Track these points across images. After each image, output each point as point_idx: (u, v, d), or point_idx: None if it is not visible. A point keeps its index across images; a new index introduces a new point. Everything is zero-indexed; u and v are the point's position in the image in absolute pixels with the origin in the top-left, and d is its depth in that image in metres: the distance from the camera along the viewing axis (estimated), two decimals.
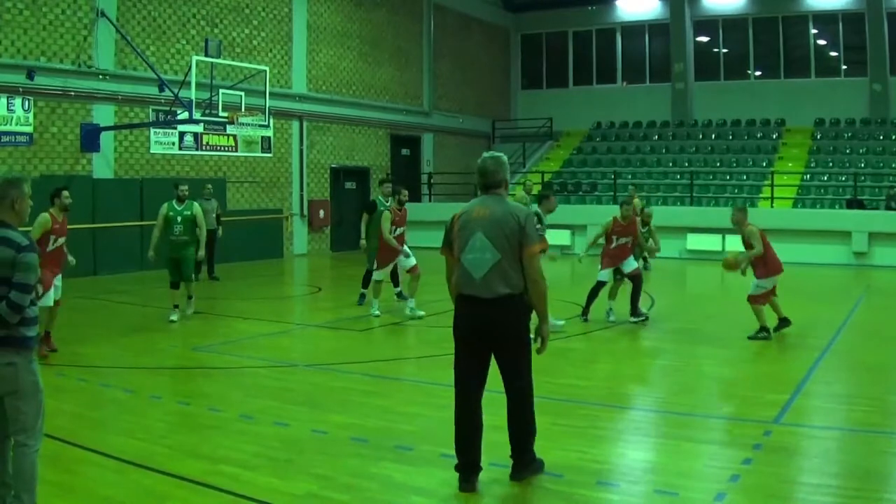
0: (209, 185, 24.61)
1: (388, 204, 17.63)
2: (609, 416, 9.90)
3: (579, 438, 8.73)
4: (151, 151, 27.07)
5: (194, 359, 13.43)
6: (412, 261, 17.16)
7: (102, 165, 25.66)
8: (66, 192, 13.27)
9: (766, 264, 14.45)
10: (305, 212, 32.57)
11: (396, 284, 18.30)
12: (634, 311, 16.19)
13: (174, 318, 16.38)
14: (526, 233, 7.17)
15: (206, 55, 24.10)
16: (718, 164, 37.09)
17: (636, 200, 22.80)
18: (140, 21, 26.66)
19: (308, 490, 7.34)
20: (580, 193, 36.47)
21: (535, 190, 23.88)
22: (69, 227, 13.38)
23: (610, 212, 31.71)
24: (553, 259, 15.73)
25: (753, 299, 14.44)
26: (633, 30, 43.59)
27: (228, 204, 28.81)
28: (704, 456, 8.27)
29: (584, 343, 14.36)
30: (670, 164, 38.08)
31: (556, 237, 30.13)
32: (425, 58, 39.70)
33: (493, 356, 7.41)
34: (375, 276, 17.23)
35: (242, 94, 24.45)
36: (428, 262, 18.78)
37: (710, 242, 29.76)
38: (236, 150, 29.86)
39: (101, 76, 25.37)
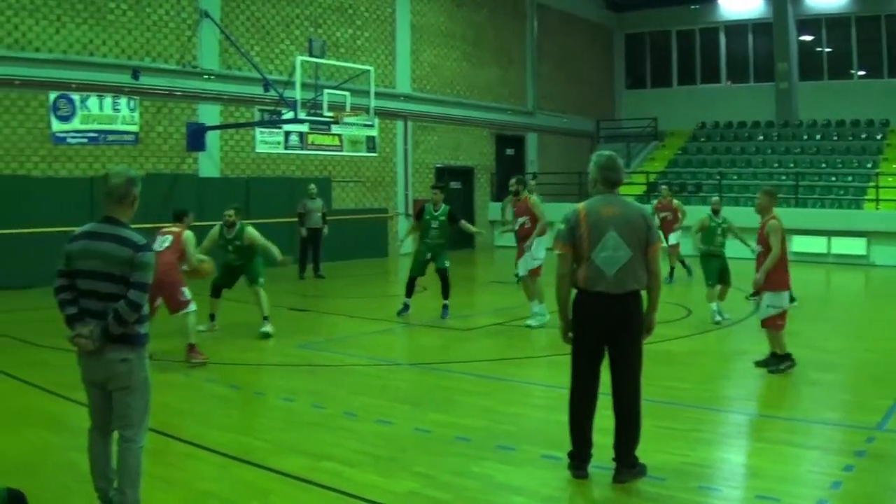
0: (313, 185, 24.50)
1: (436, 213, 16.71)
2: (710, 419, 9.65)
3: (681, 441, 8.53)
4: (257, 151, 26.89)
5: (299, 356, 13.27)
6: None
7: (208, 164, 25.59)
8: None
9: (781, 271, 11.51)
10: (410, 211, 31.88)
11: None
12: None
13: (202, 328, 14.57)
14: (651, 231, 7.39)
15: (311, 55, 23.88)
16: (824, 165, 35.67)
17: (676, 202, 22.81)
18: (244, 21, 26.44)
19: (409, 488, 7.24)
20: (685, 194, 35.55)
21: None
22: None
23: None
24: None
25: (770, 324, 11.55)
26: (736, 29, 42.46)
27: (333, 203, 28.37)
28: (806, 461, 8.01)
29: (684, 345, 13.87)
30: (775, 165, 36.82)
31: (661, 238, 29.78)
32: (528, 57, 38.91)
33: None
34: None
35: (347, 93, 24.03)
36: None
37: (815, 245, 28.45)
38: (341, 150, 29.46)
39: (205, 76, 25.25)
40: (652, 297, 7.51)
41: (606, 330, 7.35)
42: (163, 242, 12.46)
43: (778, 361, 11.51)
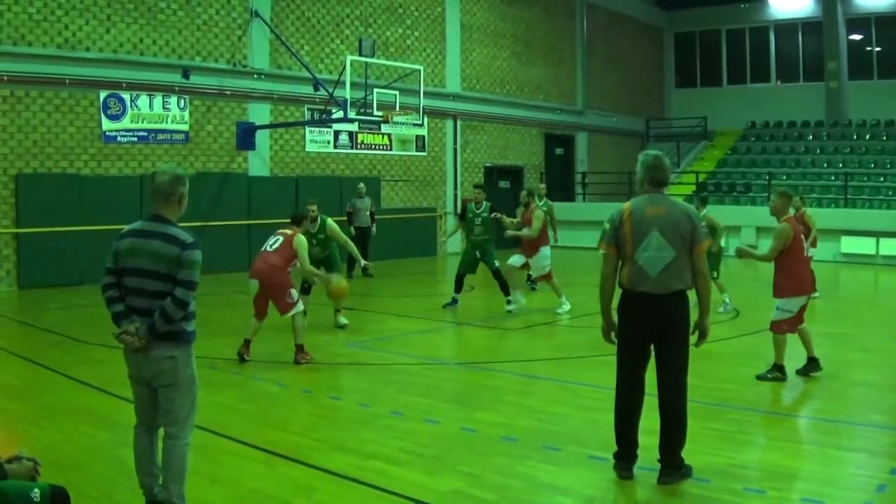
0: (362, 184, 24.43)
1: (478, 211, 17.45)
2: (757, 421, 9.51)
3: (727, 443, 8.39)
4: (307, 150, 26.89)
5: (346, 354, 13.26)
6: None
7: (258, 163, 25.48)
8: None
9: (789, 277, 11.07)
10: (459, 210, 31.92)
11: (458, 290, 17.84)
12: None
13: (344, 321, 15.62)
14: (697, 231, 7.20)
15: (361, 55, 23.61)
16: (872, 166, 35.14)
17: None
18: (294, 21, 26.32)
19: (455, 487, 7.16)
20: (734, 194, 35.18)
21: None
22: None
23: (764, 213, 31.33)
24: None
25: (775, 326, 11.22)
26: (786, 28, 41.92)
27: (383, 202, 28.16)
28: (851, 464, 7.87)
29: (731, 346, 13.60)
30: (824, 165, 36.28)
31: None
32: (578, 56, 38.51)
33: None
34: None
35: (397, 93, 24.07)
36: (580, 262, 18.62)
37: (864, 246, 27.95)
38: (391, 149, 29.45)
39: (255, 76, 25.14)
40: (702, 300, 7.38)
41: (651, 330, 7.27)
42: (273, 243, 12.56)
43: (778, 372, 11.15)
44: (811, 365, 11.34)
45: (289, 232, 12.70)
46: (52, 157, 21.08)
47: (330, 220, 15.31)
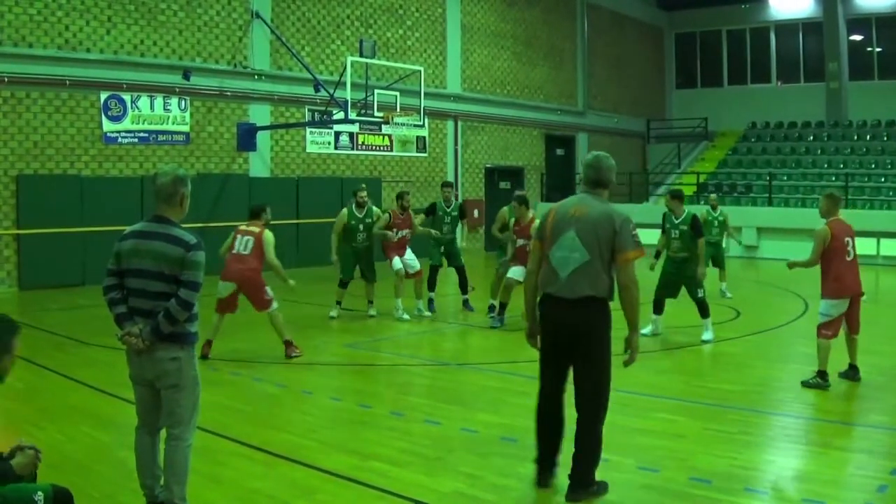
0: (364, 185, 24.49)
1: (448, 209, 17.61)
2: (760, 422, 9.48)
3: (729, 444, 8.40)
4: (307, 151, 26.85)
5: (347, 355, 13.34)
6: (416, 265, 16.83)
7: (259, 164, 25.45)
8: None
9: (828, 279, 10.83)
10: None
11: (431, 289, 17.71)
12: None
13: (334, 314, 16.25)
14: (620, 237, 6.79)
15: (361, 56, 23.50)
16: (873, 166, 35.10)
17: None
18: (294, 22, 26.29)
19: (455, 488, 7.19)
20: (735, 195, 35.09)
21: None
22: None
23: (764, 213, 31.74)
24: (652, 269, 15.23)
25: (818, 330, 10.96)
26: (787, 28, 41.83)
27: (384, 203, 27.69)
28: (852, 465, 7.90)
29: (737, 347, 13.75)
30: (825, 166, 36.21)
31: None
32: (579, 57, 38.44)
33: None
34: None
35: (397, 94, 23.96)
36: None
37: (864, 246, 26.74)
38: (391, 150, 29.41)
39: (256, 76, 25.12)
40: (627, 314, 6.97)
41: (561, 337, 7.03)
42: (245, 245, 12.41)
43: (820, 379, 10.77)
44: (851, 371, 11.10)
45: (255, 230, 12.55)
46: (52, 158, 21.09)
47: (375, 208, 16.51)
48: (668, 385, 11.19)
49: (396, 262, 16.56)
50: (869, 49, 40.10)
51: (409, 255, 16.82)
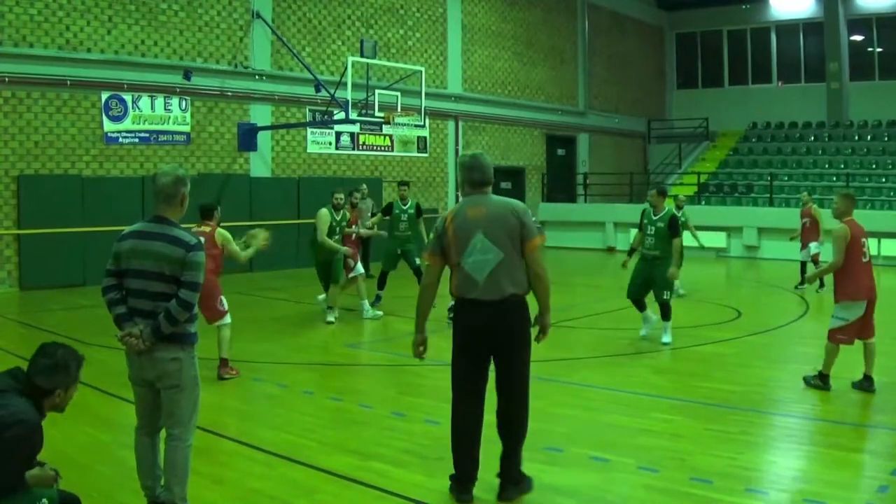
0: (364, 185, 24.60)
1: (405, 208, 18.12)
2: (761, 422, 9.46)
3: (730, 444, 8.39)
4: (308, 151, 26.83)
5: (348, 355, 13.34)
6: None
7: (259, 164, 25.42)
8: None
9: (843, 281, 10.62)
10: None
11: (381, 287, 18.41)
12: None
13: (331, 318, 15.94)
14: (526, 227, 6.84)
15: (362, 56, 23.51)
16: (874, 167, 35.09)
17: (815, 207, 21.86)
18: (295, 22, 26.27)
19: None
20: (736, 195, 35.12)
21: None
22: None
23: (765, 214, 31.64)
24: (624, 266, 15.10)
25: (830, 334, 10.69)
26: (788, 28, 41.78)
27: (384, 203, 28.58)
28: (854, 465, 7.91)
29: (738, 347, 13.69)
30: (826, 166, 36.20)
31: (711, 239, 29.19)
32: (580, 57, 38.38)
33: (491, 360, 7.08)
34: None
35: (398, 94, 23.96)
36: (576, 263, 18.46)
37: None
38: (392, 150, 29.38)
39: (257, 76, 25.08)
40: (539, 299, 7.01)
41: (487, 340, 6.96)
42: None
43: (821, 381, 10.67)
44: (865, 382, 10.71)
45: (206, 229, 11.78)
46: (53, 158, 21.07)
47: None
48: (669, 385, 11.18)
49: (360, 266, 16.94)
50: (870, 49, 40.01)
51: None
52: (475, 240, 6.82)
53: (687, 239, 17.43)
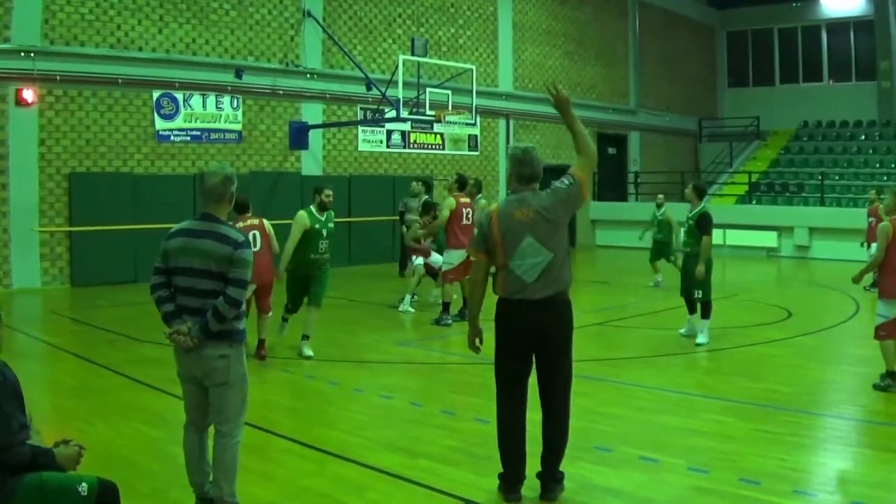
0: (415, 183, 24.04)
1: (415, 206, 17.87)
2: (810, 424, 9.30)
3: (779, 445, 8.24)
4: (359, 149, 26.70)
5: (398, 353, 13.19)
6: None
7: (310, 162, 25.38)
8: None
9: (885, 278, 10.49)
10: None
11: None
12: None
13: (309, 352, 12.72)
14: (574, 187, 6.87)
15: (413, 54, 23.40)
16: None
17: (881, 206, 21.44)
18: (346, 21, 26.11)
19: None
20: (787, 195, 34.52)
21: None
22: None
23: (816, 213, 31.26)
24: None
25: (875, 332, 10.55)
26: (838, 26, 41.16)
27: (435, 202, 28.46)
28: None
29: (788, 348, 13.45)
30: (877, 165, 35.56)
31: (762, 239, 28.93)
32: (631, 55, 38.03)
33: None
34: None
35: (449, 92, 23.70)
36: (627, 261, 18.19)
37: None
38: (443, 149, 29.21)
39: (308, 75, 25.00)
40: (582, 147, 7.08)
41: (532, 339, 6.80)
42: (254, 241, 11.64)
43: (890, 380, 10.30)
44: (889, 379, 10.39)
45: (255, 222, 11.95)
46: (105, 156, 21.09)
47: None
48: (718, 386, 11.01)
49: (420, 261, 17.30)
50: None
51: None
52: (524, 243, 6.71)
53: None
